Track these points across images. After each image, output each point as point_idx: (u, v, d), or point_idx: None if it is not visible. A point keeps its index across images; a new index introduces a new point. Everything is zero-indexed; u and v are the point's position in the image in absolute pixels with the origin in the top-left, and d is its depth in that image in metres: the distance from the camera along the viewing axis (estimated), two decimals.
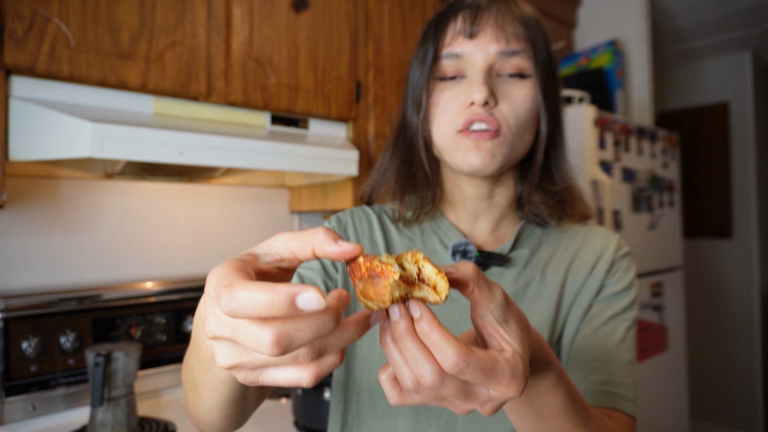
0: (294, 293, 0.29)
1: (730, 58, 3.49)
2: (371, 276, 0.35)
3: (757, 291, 3.35)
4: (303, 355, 0.33)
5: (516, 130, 0.70)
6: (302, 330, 0.30)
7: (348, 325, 0.35)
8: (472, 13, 0.71)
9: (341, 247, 0.35)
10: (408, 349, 0.37)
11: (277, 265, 0.36)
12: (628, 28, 2.55)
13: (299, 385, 0.34)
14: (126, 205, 1.55)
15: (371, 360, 0.77)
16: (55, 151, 1.10)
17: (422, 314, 0.37)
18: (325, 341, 0.33)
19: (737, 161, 3.47)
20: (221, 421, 0.57)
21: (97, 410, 1.19)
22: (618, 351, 0.71)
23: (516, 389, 0.38)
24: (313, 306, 0.29)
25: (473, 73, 0.70)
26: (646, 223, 2.21)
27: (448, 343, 0.36)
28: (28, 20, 1.08)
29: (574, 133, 1.93)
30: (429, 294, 0.37)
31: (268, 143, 1.34)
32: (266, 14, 1.44)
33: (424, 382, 0.36)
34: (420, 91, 0.74)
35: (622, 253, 0.77)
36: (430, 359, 0.36)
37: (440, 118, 0.72)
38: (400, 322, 0.37)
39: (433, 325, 0.36)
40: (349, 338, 0.35)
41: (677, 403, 2.37)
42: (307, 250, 0.35)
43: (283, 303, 0.28)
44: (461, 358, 0.35)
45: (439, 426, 0.73)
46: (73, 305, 1.34)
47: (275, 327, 0.29)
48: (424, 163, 0.77)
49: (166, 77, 1.26)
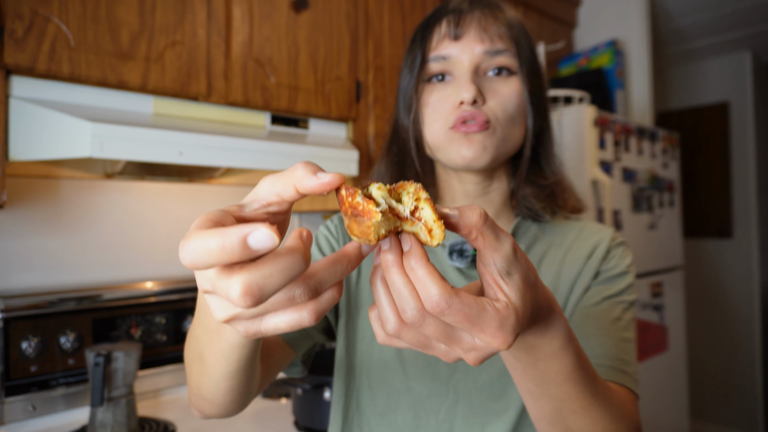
0: (244, 234, 0.27)
1: (730, 58, 3.49)
2: (355, 215, 0.34)
3: (757, 291, 3.35)
4: (299, 295, 0.32)
5: (505, 124, 0.73)
6: (271, 275, 0.29)
7: (341, 259, 0.35)
8: (455, 17, 0.74)
9: (320, 179, 0.34)
10: (393, 281, 0.36)
11: (265, 210, 0.35)
12: (628, 28, 2.55)
13: (301, 325, 0.34)
14: (126, 205, 1.55)
15: (371, 357, 0.78)
16: (55, 151, 1.10)
17: (412, 248, 0.36)
18: (318, 278, 0.33)
19: (737, 161, 3.47)
20: (227, 395, 0.56)
21: (97, 410, 1.19)
22: (615, 328, 0.71)
23: (502, 341, 0.37)
24: (266, 244, 0.27)
25: (460, 73, 0.73)
26: (646, 223, 2.21)
27: (432, 280, 0.35)
28: (28, 20, 1.08)
29: (574, 133, 1.93)
30: (421, 232, 0.36)
31: (268, 143, 1.34)
32: (266, 14, 1.44)
33: (405, 318, 0.36)
34: (410, 94, 0.77)
35: (618, 242, 0.79)
36: (413, 294, 0.35)
37: (432, 118, 0.75)
38: (388, 253, 0.36)
39: (421, 260, 0.35)
40: (342, 271, 0.34)
41: (677, 403, 2.37)
42: (290, 189, 0.34)
43: (235, 246, 0.27)
44: (443, 298, 0.34)
45: (438, 420, 0.74)
46: (73, 305, 1.34)
47: (241, 276, 0.28)
48: (415, 163, 0.79)
49: (166, 77, 1.26)
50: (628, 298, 0.74)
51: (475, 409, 0.73)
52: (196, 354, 0.52)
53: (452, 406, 0.74)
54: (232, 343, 0.46)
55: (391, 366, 0.76)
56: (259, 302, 0.29)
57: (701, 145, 3.62)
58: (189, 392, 0.62)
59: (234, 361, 0.49)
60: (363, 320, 0.79)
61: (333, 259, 0.34)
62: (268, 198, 0.35)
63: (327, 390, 1.26)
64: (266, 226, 0.27)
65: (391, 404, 0.76)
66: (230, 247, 0.27)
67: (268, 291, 0.29)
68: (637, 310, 2.11)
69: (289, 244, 0.31)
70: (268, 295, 0.29)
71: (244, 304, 0.28)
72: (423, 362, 0.75)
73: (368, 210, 0.33)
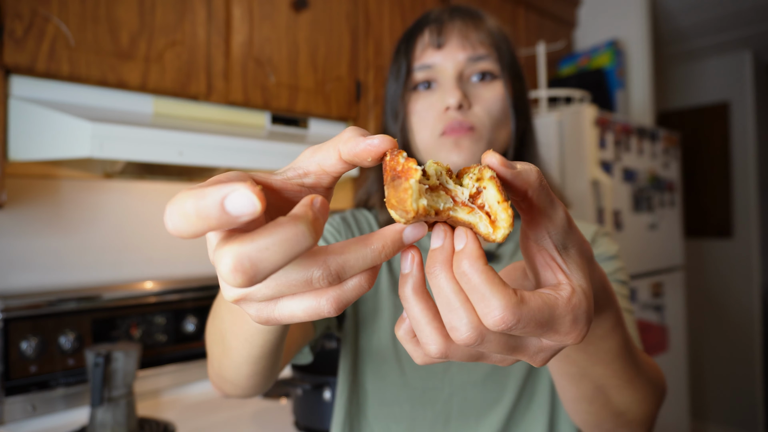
0: (222, 195, 0.22)
1: (730, 58, 3.49)
2: (393, 178, 0.28)
3: (757, 291, 3.34)
4: (317, 278, 0.27)
5: (491, 128, 0.75)
6: (267, 249, 0.23)
7: (373, 240, 0.28)
8: (437, 26, 0.77)
9: (368, 140, 0.29)
10: (440, 288, 0.29)
11: (300, 181, 0.31)
12: (628, 27, 2.54)
13: (321, 315, 0.29)
14: (126, 205, 1.55)
15: (369, 351, 0.79)
16: (55, 151, 1.10)
17: (466, 246, 0.29)
18: (342, 260, 0.28)
19: (737, 161, 3.46)
20: (250, 378, 0.54)
21: (96, 410, 1.18)
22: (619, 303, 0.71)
23: (577, 335, 0.31)
24: (245, 208, 0.22)
25: (445, 80, 0.75)
26: (646, 223, 2.21)
27: (493, 290, 0.28)
28: (27, 20, 1.07)
29: (575, 133, 1.93)
30: (480, 223, 0.29)
31: (268, 143, 1.33)
32: (266, 14, 1.44)
33: (457, 337, 0.29)
34: (397, 102, 0.80)
35: (603, 233, 0.82)
36: (467, 307, 0.29)
37: (420, 126, 0.77)
38: (438, 252, 0.29)
39: (477, 263, 0.28)
40: (373, 256, 0.28)
41: (677, 403, 2.37)
42: (333, 155, 0.30)
43: (211, 209, 0.23)
44: (510, 311, 0.28)
45: (434, 413, 0.76)
46: (73, 305, 1.34)
47: (232, 247, 0.23)
48: None
49: (166, 77, 1.26)
50: (621, 277, 0.76)
51: (470, 402, 0.75)
52: (219, 334, 0.50)
53: (448, 399, 0.76)
54: (257, 327, 0.42)
55: (389, 360, 0.78)
56: (253, 281, 0.24)
57: (701, 145, 3.62)
58: (209, 369, 0.60)
59: (258, 346, 0.46)
60: (366, 311, 0.80)
61: (364, 240, 0.28)
62: (306, 167, 0.31)
63: (327, 390, 1.26)
64: (247, 186, 0.22)
65: (389, 397, 0.78)
66: (205, 212, 0.23)
67: (264, 268, 0.24)
68: (638, 310, 2.11)
69: (294, 211, 0.25)
70: (265, 274, 0.24)
71: (236, 282, 0.24)
72: None
73: (407, 168, 0.28)
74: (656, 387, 0.55)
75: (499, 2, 2.19)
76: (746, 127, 3.43)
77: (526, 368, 0.76)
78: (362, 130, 0.30)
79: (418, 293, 0.30)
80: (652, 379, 0.54)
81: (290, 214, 0.25)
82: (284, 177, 0.31)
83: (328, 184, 0.32)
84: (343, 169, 0.31)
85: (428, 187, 0.29)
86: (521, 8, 2.31)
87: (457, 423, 0.76)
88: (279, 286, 0.28)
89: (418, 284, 0.30)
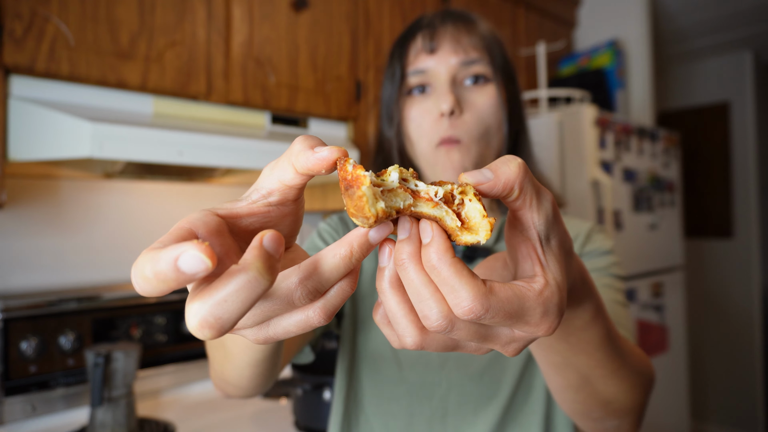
0: (174, 257, 0.23)
1: (730, 58, 3.49)
2: (347, 188, 0.28)
3: (757, 291, 3.34)
4: (298, 298, 0.28)
5: (479, 137, 0.76)
6: (225, 301, 0.24)
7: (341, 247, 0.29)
8: (430, 31, 0.78)
9: (317, 153, 0.29)
10: (410, 281, 0.30)
11: (265, 201, 0.31)
12: (628, 28, 2.54)
13: (313, 326, 0.30)
14: (126, 205, 1.55)
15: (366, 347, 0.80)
16: (55, 151, 1.10)
17: (433, 239, 0.29)
18: (316, 277, 0.29)
19: (737, 161, 3.46)
20: (252, 380, 0.56)
21: (96, 410, 1.18)
22: (606, 292, 0.73)
23: (547, 328, 0.32)
24: (197, 267, 0.23)
25: (439, 84, 0.77)
26: (646, 224, 2.21)
27: (462, 281, 0.29)
28: (27, 20, 1.07)
29: (575, 133, 1.93)
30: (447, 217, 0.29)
31: (267, 143, 1.33)
32: (266, 14, 1.44)
33: (429, 325, 0.30)
34: (392, 107, 0.81)
35: (598, 229, 0.83)
36: (437, 297, 0.30)
37: (417, 134, 0.78)
38: (405, 244, 0.30)
39: (445, 256, 0.29)
40: (345, 263, 0.29)
41: (678, 403, 2.37)
42: (289, 169, 0.30)
43: (168, 273, 0.23)
44: (478, 301, 0.28)
45: (432, 407, 0.77)
46: (73, 305, 1.34)
47: (193, 306, 0.25)
48: None
49: (166, 77, 1.26)
50: (616, 271, 0.77)
51: (467, 396, 0.77)
52: (219, 340, 0.51)
53: (445, 394, 0.77)
54: None
55: (386, 356, 0.79)
56: (222, 331, 0.25)
57: (702, 145, 3.62)
58: (211, 372, 0.62)
59: (259, 351, 0.48)
60: (363, 309, 0.81)
61: (333, 249, 0.29)
62: (268, 186, 0.31)
63: (327, 390, 1.26)
64: (194, 245, 0.23)
65: (387, 393, 0.79)
66: (162, 275, 0.23)
67: (228, 319, 0.25)
68: (638, 310, 2.11)
69: (244, 257, 0.25)
70: (232, 322, 0.25)
71: (205, 336, 0.25)
72: (415, 353, 0.77)
73: (356, 176, 0.27)
74: (643, 376, 0.56)
75: (499, 2, 2.19)
76: (746, 127, 3.43)
77: (522, 363, 0.77)
78: (313, 139, 0.30)
79: (394, 286, 0.31)
80: (639, 368, 0.55)
81: (241, 261, 0.25)
82: (249, 201, 0.31)
83: (295, 196, 0.32)
84: (302, 180, 0.31)
85: (383, 190, 0.29)
86: (521, 8, 2.31)
87: (455, 418, 0.77)
88: (265, 312, 0.29)
89: (393, 278, 0.31)
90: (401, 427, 0.78)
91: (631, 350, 0.54)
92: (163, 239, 0.26)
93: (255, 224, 0.32)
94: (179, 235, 0.27)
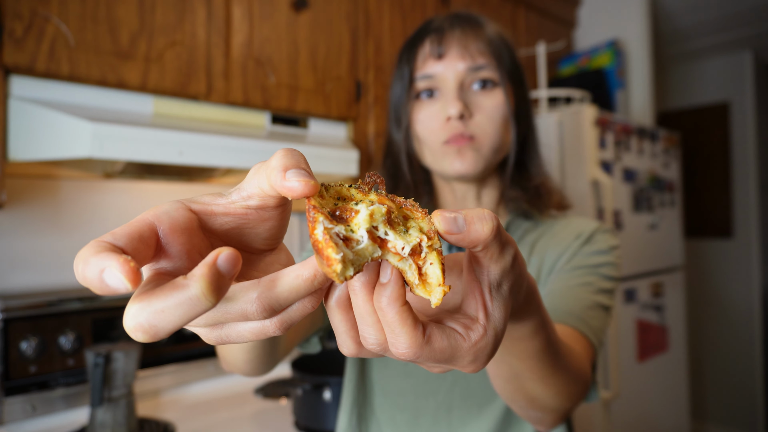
0: (101, 269, 0.23)
1: (730, 58, 3.49)
2: (316, 251, 0.27)
3: (757, 291, 3.34)
4: (252, 313, 0.28)
5: (492, 135, 0.78)
6: (162, 312, 0.24)
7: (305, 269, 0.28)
8: (438, 36, 0.79)
9: (287, 183, 0.28)
10: (357, 305, 0.30)
11: (244, 203, 0.31)
12: (628, 28, 2.54)
13: (267, 335, 0.30)
14: (126, 205, 1.55)
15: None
16: (55, 151, 1.10)
17: (390, 285, 0.29)
18: (274, 296, 0.28)
19: (737, 161, 3.46)
20: (247, 364, 0.59)
21: (96, 410, 1.18)
22: (585, 291, 0.74)
23: (473, 369, 0.34)
24: (117, 285, 0.23)
25: (447, 90, 0.78)
26: (646, 224, 2.21)
27: (404, 329, 0.29)
28: (27, 20, 1.07)
29: (575, 133, 1.93)
30: (409, 271, 0.29)
31: (267, 143, 1.33)
32: (266, 14, 1.44)
33: (365, 344, 0.31)
34: (400, 110, 0.82)
35: (603, 230, 0.84)
36: (377, 327, 0.30)
37: (425, 134, 0.79)
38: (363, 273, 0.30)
39: (395, 303, 0.29)
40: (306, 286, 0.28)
41: (677, 403, 2.37)
42: (266, 181, 0.29)
43: (94, 280, 0.23)
44: (413, 350, 0.30)
45: (437, 402, 0.79)
46: (73, 305, 1.34)
47: (131, 308, 0.25)
48: (407, 176, 0.84)
49: (166, 77, 1.26)
50: (605, 271, 0.77)
51: (472, 391, 0.78)
52: None
53: (450, 388, 0.79)
54: None
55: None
56: (155, 338, 0.25)
57: (701, 145, 3.62)
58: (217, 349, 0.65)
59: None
60: None
61: (297, 269, 0.28)
62: (249, 189, 0.30)
63: (327, 390, 1.26)
64: (119, 264, 0.23)
65: (393, 387, 0.81)
66: (89, 282, 0.23)
67: (162, 328, 0.25)
68: (638, 310, 2.11)
69: (194, 271, 0.25)
70: (166, 332, 0.25)
71: (138, 338, 0.25)
72: None
73: (327, 256, 0.26)
74: (575, 384, 0.58)
75: (499, 2, 2.19)
76: (746, 127, 3.43)
77: None
78: (291, 158, 0.29)
79: (341, 306, 0.31)
80: (572, 377, 0.57)
81: (190, 274, 0.25)
82: (228, 200, 0.31)
83: (276, 204, 0.31)
84: (276, 193, 0.30)
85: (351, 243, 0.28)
86: (521, 8, 2.31)
87: (460, 412, 0.78)
88: (216, 317, 0.28)
89: (342, 298, 0.31)
90: (407, 420, 0.80)
91: (569, 361, 0.56)
92: (117, 231, 0.25)
93: (230, 224, 0.31)
94: (137, 228, 0.26)
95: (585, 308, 0.71)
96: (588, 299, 0.73)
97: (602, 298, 0.74)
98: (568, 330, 0.67)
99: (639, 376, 2.09)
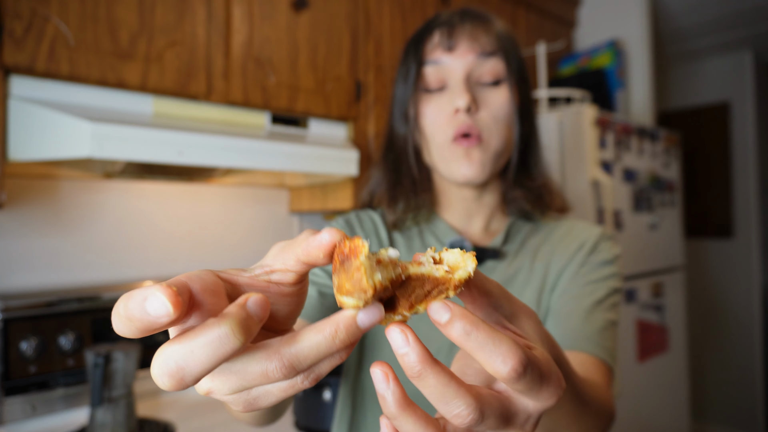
0: (144, 297, 0.23)
1: (730, 58, 3.49)
2: (342, 261, 0.28)
3: (757, 291, 3.34)
4: (272, 371, 0.27)
5: (497, 134, 0.77)
6: (192, 352, 0.24)
7: (326, 326, 0.27)
8: (448, 29, 0.78)
9: (317, 237, 0.29)
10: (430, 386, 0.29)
11: (267, 278, 0.32)
12: (628, 28, 2.54)
13: (299, 390, 0.30)
14: (126, 205, 1.55)
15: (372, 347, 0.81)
16: (55, 151, 1.10)
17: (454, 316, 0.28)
18: (295, 353, 0.27)
19: (738, 161, 3.46)
20: (254, 418, 0.61)
21: (96, 411, 1.18)
22: (598, 309, 0.73)
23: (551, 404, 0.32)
24: (160, 311, 0.23)
25: (455, 82, 0.76)
26: (646, 224, 2.21)
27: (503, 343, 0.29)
28: (27, 20, 1.07)
29: (575, 133, 1.93)
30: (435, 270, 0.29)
31: (267, 143, 1.33)
32: (266, 14, 1.44)
33: (461, 422, 0.30)
34: (407, 104, 0.81)
35: (606, 237, 0.83)
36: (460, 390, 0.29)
37: (432, 129, 0.78)
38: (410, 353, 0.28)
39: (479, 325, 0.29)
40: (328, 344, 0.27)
41: (677, 403, 2.37)
42: (292, 257, 0.31)
43: (135, 311, 0.23)
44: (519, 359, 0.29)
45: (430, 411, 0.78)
46: (73, 305, 1.34)
47: (162, 351, 0.25)
48: (413, 170, 0.83)
49: (166, 77, 1.26)
50: (612, 284, 0.77)
51: None
52: None
53: None
54: None
55: (388, 356, 0.79)
56: (182, 385, 0.25)
57: (702, 145, 3.62)
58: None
59: None
60: None
61: (317, 327, 0.27)
62: (271, 265, 0.32)
63: (327, 390, 1.26)
64: (161, 289, 0.23)
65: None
66: (131, 312, 0.23)
67: (191, 372, 0.24)
68: (638, 310, 2.11)
69: (225, 310, 0.25)
70: (194, 377, 0.25)
71: (164, 386, 0.24)
72: None
73: (354, 246, 0.27)
74: (604, 416, 0.57)
75: (499, 2, 2.19)
76: (746, 127, 3.43)
77: None
78: (314, 232, 0.30)
79: (405, 407, 0.29)
80: (600, 410, 0.56)
81: (221, 314, 0.25)
82: (251, 275, 0.31)
83: (295, 281, 0.32)
84: (303, 268, 0.31)
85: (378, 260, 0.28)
86: (521, 8, 2.31)
87: None
88: (240, 380, 0.28)
89: (401, 399, 0.29)
90: None
91: (594, 395, 0.56)
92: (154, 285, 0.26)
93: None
94: (174, 283, 0.26)
95: (600, 330, 0.71)
96: (601, 319, 0.72)
97: (612, 315, 0.74)
98: (588, 358, 0.67)
99: (639, 376, 2.09)
